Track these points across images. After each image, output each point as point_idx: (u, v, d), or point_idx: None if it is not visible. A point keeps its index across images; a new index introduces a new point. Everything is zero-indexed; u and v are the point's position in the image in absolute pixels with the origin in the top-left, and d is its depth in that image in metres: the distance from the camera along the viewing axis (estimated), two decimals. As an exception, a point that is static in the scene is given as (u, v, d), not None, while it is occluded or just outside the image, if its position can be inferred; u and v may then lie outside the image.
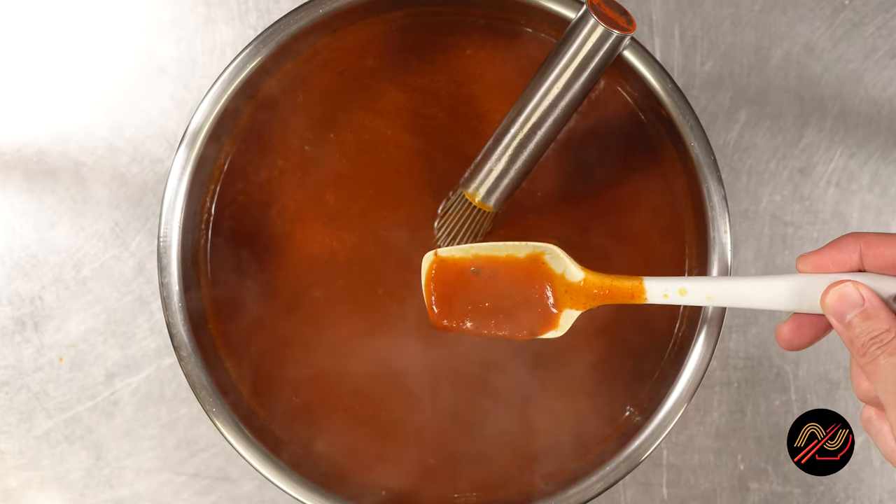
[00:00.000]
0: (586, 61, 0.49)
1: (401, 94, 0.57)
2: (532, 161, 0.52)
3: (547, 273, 0.49)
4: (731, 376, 0.64)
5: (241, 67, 0.55)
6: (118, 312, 0.63)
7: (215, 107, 0.55)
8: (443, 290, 0.49)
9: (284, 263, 0.57)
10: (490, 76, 0.57)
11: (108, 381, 0.63)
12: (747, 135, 0.65)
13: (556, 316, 0.48)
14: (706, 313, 0.55)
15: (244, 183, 0.57)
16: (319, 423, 0.56)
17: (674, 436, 0.64)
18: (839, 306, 0.40)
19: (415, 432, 0.56)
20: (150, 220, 0.64)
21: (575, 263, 0.49)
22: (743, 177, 0.65)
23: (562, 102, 0.50)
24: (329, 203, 0.57)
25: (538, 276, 0.48)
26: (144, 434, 0.63)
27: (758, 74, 0.65)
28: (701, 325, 0.55)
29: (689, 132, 0.55)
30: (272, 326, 0.56)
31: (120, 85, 0.64)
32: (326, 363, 0.56)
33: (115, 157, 0.64)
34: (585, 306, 0.48)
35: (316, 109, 0.57)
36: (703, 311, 0.55)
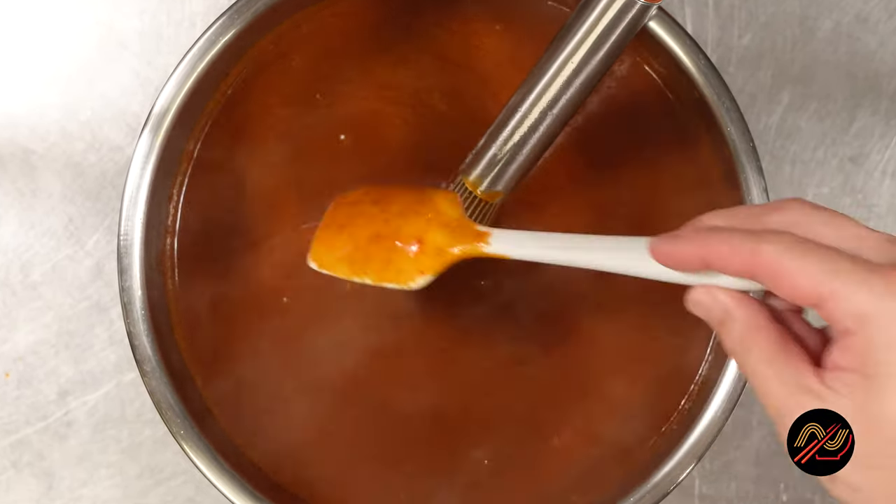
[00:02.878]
0: (606, 33, 0.49)
1: (389, 71, 0.57)
2: (542, 147, 0.52)
3: (434, 206, 0.51)
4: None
5: (212, 41, 0.55)
6: (72, 321, 0.63)
7: (183, 86, 0.55)
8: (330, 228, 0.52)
9: (263, 264, 0.57)
10: (504, 53, 0.58)
11: (61, 399, 0.63)
12: (791, 118, 0.65)
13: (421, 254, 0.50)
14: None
15: (216, 173, 0.57)
16: (301, 446, 0.56)
17: (707, 462, 0.64)
18: None
19: (412, 459, 0.57)
20: (110, 216, 0.64)
21: None
22: (786, 166, 0.65)
23: (578, 80, 0.50)
24: (313, 195, 0.57)
25: (425, 207, 0.51)
26: (102, 460, 0.63)
27: (803, 49, 0.65)
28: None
29: (725, 115, 0.55)
30: (249, 336, 0.56)
31: (74, 61, 0.64)
32: (310, 378, 0.56)
33: (69, 144, 0.64)
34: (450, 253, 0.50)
35: (298, 88, 0.57)
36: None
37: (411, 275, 0.50)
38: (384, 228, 0.51)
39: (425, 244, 0.50)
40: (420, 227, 0.50)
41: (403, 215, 0.51)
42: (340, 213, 0.53)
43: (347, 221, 0.52)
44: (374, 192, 0.53)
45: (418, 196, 0.52)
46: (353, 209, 0.53)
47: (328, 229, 0.52)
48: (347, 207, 0.53)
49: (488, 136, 0.52)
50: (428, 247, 0.50)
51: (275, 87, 0.57)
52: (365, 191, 0.54)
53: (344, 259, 0.51)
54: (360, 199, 0.53)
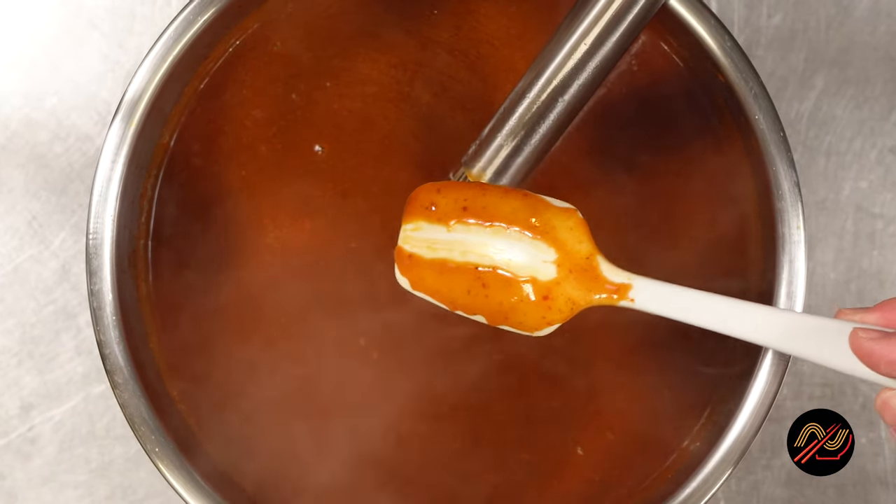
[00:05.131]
0: (622, 11, 0.49)
1: (387, 54, 0.58)
2: (552, 136, 0.52)
3: (556, 240, 0.49)
4: (805, 407, 0.64)
5: (190, 21, 0.55)
6: (36, 328, 0.63)
7: (158, 70, 0.55)
8: None
9: (245, 265, 0.57)
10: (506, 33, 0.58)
11: (24, 413, 0.63)
12: (825, 105, 0.65)
13: (549, 302, 0.48)
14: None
15: (194, 167, 0.57)
16: (288, 464, 0.56)
17: (734, 482, 0.64)
18: None
19: (409, 481, 0.57)
20: (77, 213, 0.64)
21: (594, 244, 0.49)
22: (820, 158, 0.65)
23: (591, 63, 0.50)
24: (300, 190, 0.57)
25: (544, 238, 0.49)
26: (69, 480, 0.63)
27: (839, 29, 0.65)
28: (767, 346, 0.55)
29: (753, 102, 0.55)
30: (230, 344, 0.57)
31: (38, 42, 0.64)
32: (296, 390, 0.56)
33: (33, 134, 0.63)
34: (584, 304, 0.48)
35: (285, 72, 0.58)
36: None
37: (536, 324, 0.49)
38: (499, 261, 0.49)
39: (555, 299, 0.48)
40: (547, 275, 0.48)
41: (520, 254, 0.49)
42: (434, 223, 0.50)
43: (448, 244, 0.50)
44: (469, 195, 0.50)
45: (527, 215, 0.49)
46: (455, 218, 0.50)
47: (422, 241, 0.50)
48: (443, 218, 0.50)
49: (493, 125, 0.52)
50: (558, 301, 0.48)
51: (255, 75, 0.57)
52: (460, 192, 0.50)
53: (454, 289, 0.49)
54: (458, 210, 0.50)
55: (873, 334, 0.41)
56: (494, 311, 0.49)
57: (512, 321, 0.49)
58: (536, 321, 0.49)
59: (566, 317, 0.49)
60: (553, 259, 0.48)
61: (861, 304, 0.63)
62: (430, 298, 0.50)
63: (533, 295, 0.48)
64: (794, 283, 0.55)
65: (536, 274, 0.48)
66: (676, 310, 0.47)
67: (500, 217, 0.49)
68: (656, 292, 0.48)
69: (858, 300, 0.64)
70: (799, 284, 0.55)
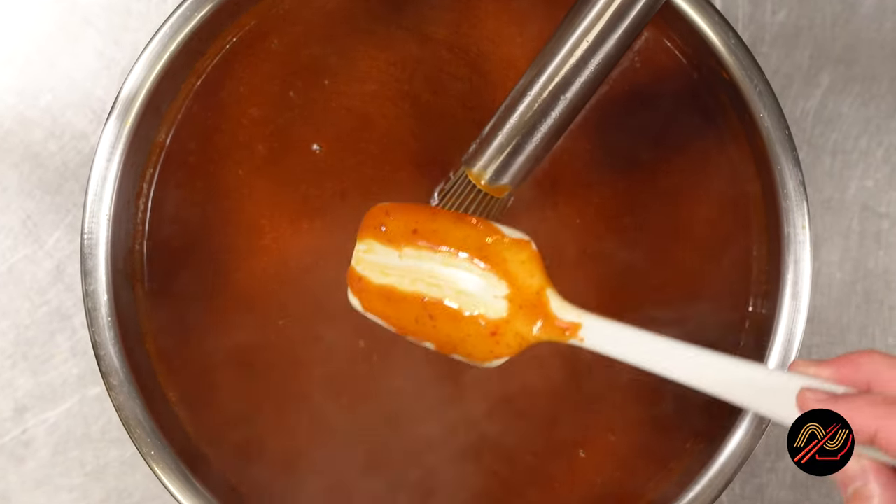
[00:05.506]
0: (625, 7, 0.49)
1: (386, 51, 0.58)
2: (554, 135, 0.52)
3: (508, 273, 0.48)
4: (810, 410, 0.64)
5: (187, 17, 0.55)
6: (31, 329, 0.63)
7: (154, 68, 0.55)
8: None
9: (243, 265, 0.57)
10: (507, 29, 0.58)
11: (18, 416, 0.63)
12: (831, 103, 0.65)
13: (497, 337, 0.48)
14: (777, 323, 0.55)
15: (190, 165, 0.57)
16: (286, 468, 0.56)
17: (738, 486, 0.64)
18: None
19: (411, 484, 0.57)
20: (72, 212, 0.63)
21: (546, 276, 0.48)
22: (825, 157, 0.65)
23: (593, 60, 0.50)
24: (298, 190, 0.57)
25: (495, 270, 0.48)
26: (64, 483, 0.63)
27: (845, 26, 0.65)
28: (772, 342, 0.55)
29: (758, 100, 0.55)
30: (227, 346, 0.56)
31: (33, 39, 0.64)
32: (295, 393, 0.56)
33: (28, 132, 0.63)
34: (533, 340, 0.48)
35: (282, 69, 0.58)
36: (776, 321, 0.55)
37: (484, 356, 0.48)
38: (447, 293, 0.48)
39: (503, 334, 0.48)
40: (496, 311, 0.48)
41: (470, 286, 0.48)
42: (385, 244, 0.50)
43: (398, 270, 0.49)
44: (420, 219, 0.50)
45: (479, 245, 0.48)
46: (405, 242, 0.49)
47: (373, 265, 0.50)
48: (393, 240, 0.50)
49: (494, 124, 0.52)
50: (507, 336, 0.48)
51: (252, 73, 0.57)
52: (411, 215, 0.50)
53: (402, 317, 0.49)
54: (407, 234, 0.49)
55: (821, 395, 0.41)
56: (443, 341, 0.49)
57: (461, 351, 0.49)
58: (484, 354, 0.48)
59: (515, 351, 0.48)
60: (504, 294, 0.48)
61: (867, 305, 0.64)
62: (381, 321, 0.50)
63: (481, 331, 0.48)
64: (799, 284, 0.55)
65: (486, 309, 0.48)
66: (626, 353, 0.46)
67: (450, 242, 0.49)
68: (607, 333, 0.47)
69: (865, 301, 0.64)
70: (804, 285, 0.55)
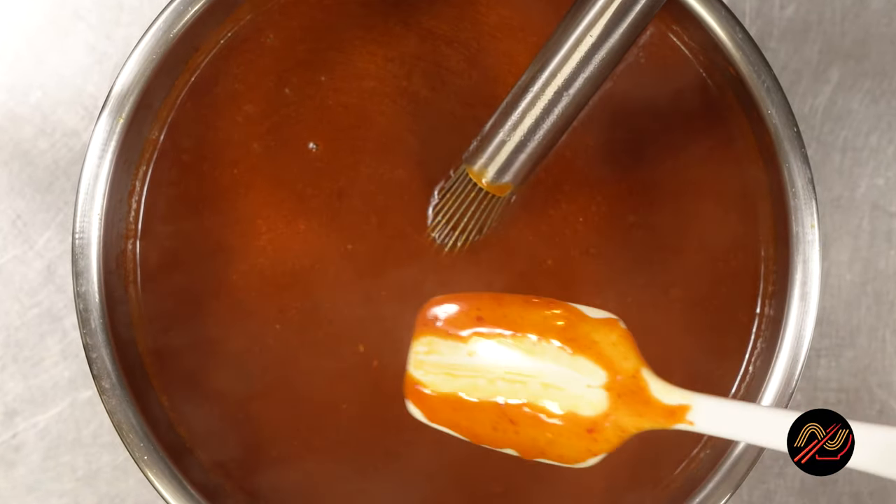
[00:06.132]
0: (630, 1, 0.49)
1: (384, 47, 0.58)
2: (557, 132, 0.52)
3: (602, 356, 0.43)
4: (819, 414, 0.64)
5: (180, 12, 0.55)
6: (21, 331, 0.63)
7: (147, 63, 0.55)
8: None
9: (238, 266, 0.57)
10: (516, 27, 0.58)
11: (8, 420, 0.63)
12: (841, 99, 0.65)
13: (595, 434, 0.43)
14: (786, 325, 0.55)
15: (184, 164, 0.57)
16: (282, 473, 0.56)
17: (745, 491, 0.64)
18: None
19: (414, 486, 0.57)
20: (63, 211, 0.63)
21: None
22: (835, 154, 0.65)
23: (598, 55, 0.50)
24: (294, 189, 0.57)
25: (587, 355, 0.43)
26: (55, 489, 0.63)
27: (854, 21, 0.65)
28: (781, 344, 0.55)
29: (766, 96, 0.55)
30: (222, 349, 0.56)
31: (22, 34, 0.64)
32: (292, 397, 0.56)
33: (17, 129, 0.63)
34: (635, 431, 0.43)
35: (278, 65, 0.57)
36: (784, 323, 0.55)
37: (579, 456, 0.43)
38: (533, 388, 0.43)
39: (602, 430, 0.43)
40: (592, 404, 0.42)
41: (557, 377, 0.42)
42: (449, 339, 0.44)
43: (468, 370, 0.44)
44: (482, 305, 0.44)
45: (559, 328, 0.43)
46: (472, 333, 0.44)
47: (437, 367, 0.45)
48: (457, 334, 0.44)
49: (495, 121, 0.52)
50: (606, 432, 0.43)
51: (247, 69, 0.57)
52: (471, 302, 0.45)
53: (475, 425, 0.44)
54: (471, 322, 0.44)
55: None
56: (527, 446, 0.44)
57: (550, 455, 0.44)
58: (579, 454, 0.43)
59: (615, 446, 0.43)
60: (600, 383, 0.43)
61: (878, 307, 0.64)
62: (451, 432, 0.45)
63: (575, 429, 0.43)
64: (808, 284, 0.55)
65: (578, 404, 0.42)
66: (744, 431, 0.42)
67: (525, 327, 0.44)
68: (717, 412, 0.43)
69: (875, 302, 0.64)
70: (813, 285, 0.55)
